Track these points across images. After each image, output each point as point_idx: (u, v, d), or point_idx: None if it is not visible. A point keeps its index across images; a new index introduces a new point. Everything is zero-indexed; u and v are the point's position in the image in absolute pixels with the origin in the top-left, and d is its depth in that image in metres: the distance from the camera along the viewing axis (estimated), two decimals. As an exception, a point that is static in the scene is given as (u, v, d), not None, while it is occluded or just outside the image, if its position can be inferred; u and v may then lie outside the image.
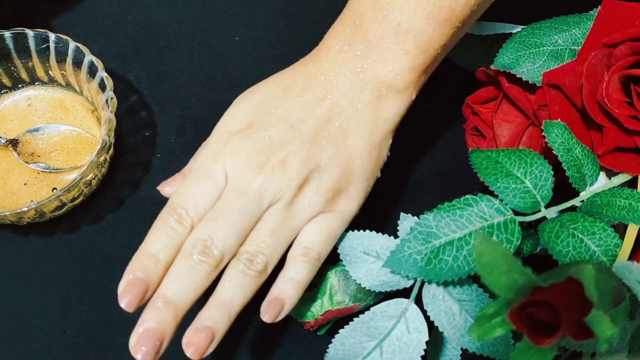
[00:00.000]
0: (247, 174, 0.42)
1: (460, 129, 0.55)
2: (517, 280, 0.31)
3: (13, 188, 0.51)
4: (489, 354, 0.41)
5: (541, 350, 0.30)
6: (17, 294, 0.50)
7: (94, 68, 0.50)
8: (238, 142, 0.42)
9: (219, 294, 0.41)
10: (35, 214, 0.47)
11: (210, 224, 0.41)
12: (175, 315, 0.39)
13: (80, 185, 0.48)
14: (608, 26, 0.43)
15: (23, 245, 0.52)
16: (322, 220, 0.43)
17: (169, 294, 0.40)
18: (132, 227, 0.53)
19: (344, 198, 0.44)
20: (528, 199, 0.41)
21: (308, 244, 0.43)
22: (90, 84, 0.51)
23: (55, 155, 0.52)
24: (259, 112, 0.44)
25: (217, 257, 0.41)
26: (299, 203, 0.42)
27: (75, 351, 0.49)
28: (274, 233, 0.42)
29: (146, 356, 0.39)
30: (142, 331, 0.39)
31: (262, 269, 0.41)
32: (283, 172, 0.42)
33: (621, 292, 0.33)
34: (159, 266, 0.40)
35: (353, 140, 0.44)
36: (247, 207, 0.41)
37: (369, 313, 0.42)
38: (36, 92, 0.54)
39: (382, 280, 0.42)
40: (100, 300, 0.50)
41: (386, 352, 0.41)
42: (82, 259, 0.51)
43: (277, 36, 0.60)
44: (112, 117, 0.48)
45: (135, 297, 0.40)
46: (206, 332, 0.39)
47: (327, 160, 0.43)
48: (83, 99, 0.54)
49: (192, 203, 0.41)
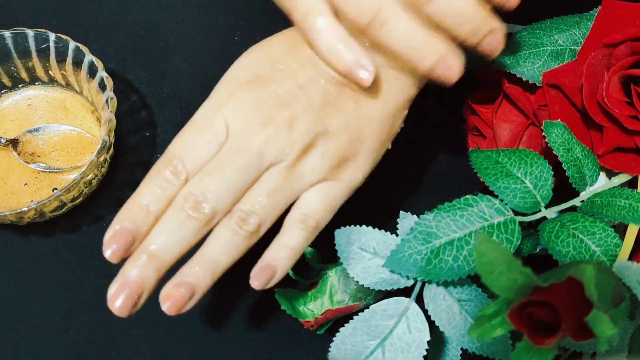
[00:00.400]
0: (250, 130, 0.39)
1: (460, 129, 0.55)
2: (517, 280, 0.31)
3: (13, 188, 0.51)
4: (488, 354, 0.41)
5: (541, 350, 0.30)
6: (18, 294, 0.50)
7: (94, 68, 0.50)
8: (243, 96, 0.40)
9: (206, 251, 0.39)
10: (35, 214, 0.47)
11: (206, 178, 0.39)
12: (158, 270, 0.38)
13: (81, 185, 0.48)
14: (608, 26, 0.43)
15: (23, 245, 0.52)
16: (325, 187, 0.41)
17: (154, 248, 0.38)
18: (132, 227, 0.53)
19: (351, 166, 0.42)
20: (528, 199, 0.41)
21: (307, 210, 0.41)
22: (90, 84, 0.51)
23: (56, 155, 0.52)
24: (268, 67, 0.41)
25: (209, 214, 0.38)
26: (301, 166, 0.40)
27: (77, 351, 0.49)
28: (271, 194, 0.39)
29: (123, 308, 0.38)
30: (122, 282, 0.38)
31: (254, 230, 0.39)
32: (288, 133, 0.39)
33: (621, 292, 0.33)
34: (149, 217, 0.39)
35: (365, 108, 0.41)
36: (247, 165, 0.39)
37: (368, 311, 0.42)
38: (36, 92, 0.54)
39: (381, 278, 0.42)
40: (101, 300, 0.50)
41: (388, 351, 0.41)
42: (82, 259, 0.51)
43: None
44: (112, 117, 0.48)
45: (120, 247, 0.38)
46: (186, 287, 0.38)
47: (336, 126, 0.41)
48: (83, 99, 0.54)
49: (189, 155, 0.39)
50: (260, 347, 0.49)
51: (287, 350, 0.49)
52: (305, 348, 0.49)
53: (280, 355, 0.49)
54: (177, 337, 0.50)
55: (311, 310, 0.45)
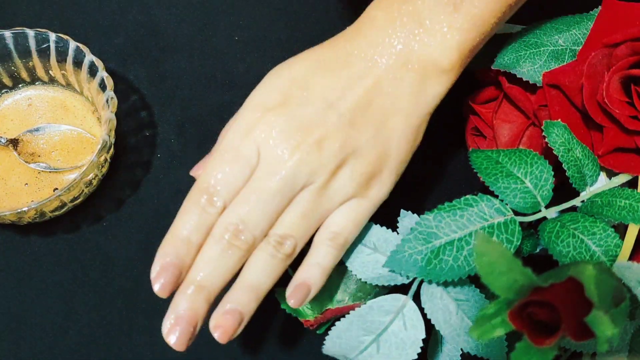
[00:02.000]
0: (282, 154, 0.40)
1: (460, 129, 0.55)
2: (517, 280, 0.31)
3: (14, 188, 0.51)
4: (484, 354, 0.41)
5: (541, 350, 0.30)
6: (18, 295, 0.50)
7: (94, 68, 0.50)
8: (272, 119, 0.40)
9: (247, 276, 0.40)
10: (35, 214, 0.47)
11: (242, 206, 0.39)
12: (207, 300, 0.39)
13: (81, 185, 0.48)
14: (608, 26, 0.43)
15: (24, 246, 0.52)
16: (353, 205, 0.42)
17: (200, 279, 0.39)
18: (132, 227, 0.53)
19: (377, 183, 0.42)
20: (528, 199, 0.41)
21: (336, 228, 0.41)
22: (90, 83, 0.51)
23: (56, 155, 0.52)
24: (296, 88, 0.41)
25: (249, 241, 0.40)
26: (332, 187, 0.41)
27: (77, 351, 0.49)
28: (305, 216, 0.40)
29: (179, 343, 0.38)
30: (175, 317, 0.38)
31: (290, 252, 0.40)
32: (319, 154, 0.40)
33: (621, 292, 0.33)
34: (191, 249, 0.39)
35: (392, 123, 0.42)
36: (280, 190, 0.40)
37: (365, 307, 0.42)
38: (36, 91, 0.54)
39: (379, 274, 0.42)
40: (102, 300, 0.50)
41: (383, 347, 0.41)
42: (82, 260, 0.52)
43: (277, 36, 0.60)
44: (112, 117, 0.48)
45: (168, 282, 0.39)
46: (234, 314, 0.39)
47: (365, 144, 0.41)
48: (83, 99, 0.54)
49: (223, 183, 0.40)
50: (260, 345, 0.49)
51: (287, 349, 0.49)
52: (305, 347, 0.49)
53: (280, 354, 0.49)
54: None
55: (311, 310, 0.45)
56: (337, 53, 0.42)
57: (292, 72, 0.42)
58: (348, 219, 0.42)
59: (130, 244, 0.52)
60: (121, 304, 0.50)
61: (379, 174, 0.42)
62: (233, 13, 0.60)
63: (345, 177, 0.41)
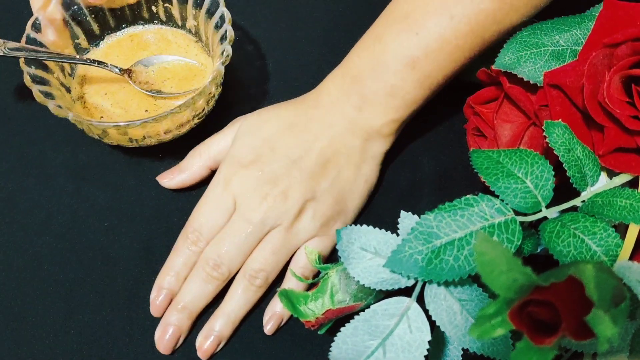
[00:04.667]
0: (253, 203, 0.48)
1: (461, 129, 0.55)
2: (517, 279, 0.31)
3: (136, 115, 0.53)
4: (489, 353, 0.40)
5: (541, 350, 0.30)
6: (19, 295, 0.50)
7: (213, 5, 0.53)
8: (246, 174, 0.49)
9: (226, 306, 0.48)
10: (168, 128, 0.51)
11: (220, 245, 0.48)
12: (190, 318, 0.49)
13: (202, 103, 0.51)
14: (609, 26, 0.43)
15: (25, 246, 0.52)
16: (316, 242, 0.50)
17: (186, 301, 0.48)
18: (133, 228, 0.53)
19: (336, 223, 0.50)
20: (529, 199, 0.41)
21: (304, 264, 0.49)
22: (197, 15, 0.54)
23: (168, 83, 0.55)
24: (265, 148, 0.50)
25: (225, 273, 0.48)
26: (296, 227, 0.49)
27: (78, 351, 0.49)
28: (274, 252, 0.48)
29: (166, 347, 0.48)
30: (165, 326, 0.48)
31: (262, 284, 0.49)
32: (284, 202, 0.48)
33: (622, 292, 0.33)
34: (179, 279, 0.49)
35: (345, 174, 0.50)
36: (252, 232, 0.48)
37: (369, 311, 0.42)
38: (137, 29, 0.57)
39: (382, 278, 0.42)
40: (103, 300, 0.51)
41: (389, 351, 0.41)
42: (84, 260, 0.52)
43: (277, 36, 0.60)
44: (229, 29, 0.52)
45: (162, 305, 0.49)
46: (214, 339, 0.48)
47: (322, 192, 0.49)
48: (184, 32, 0.57)
49: (206, 227, 0.49)
50: (261, 346, 0.49)
51: (288, 350, 0.49)
52: (306, 347, 0.49)
53: (281, 355, 0.49)
54: (178, 337, 0.50)
55: (312, 310, 0.45)
56: (300, 118, 0.51)
57: (263, 133, 0.51)
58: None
59: (132, 245, 0.52)
60: (122, 304, 0.50)
61: (337, 215, 0.50)
62: (234, 13, 0.60)
63: (307, 219, 0.49)
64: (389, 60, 0.49)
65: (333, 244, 0.51)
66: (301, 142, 0.50)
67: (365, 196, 0.52)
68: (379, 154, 0.52)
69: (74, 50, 0.55)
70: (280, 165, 0.49)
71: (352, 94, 0.50)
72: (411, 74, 0.48)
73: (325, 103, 0.51)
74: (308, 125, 0.51)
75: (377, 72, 0.49)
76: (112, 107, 0.54)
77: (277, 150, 0.50)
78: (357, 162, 0.51)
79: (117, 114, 0.53)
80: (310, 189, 0.49)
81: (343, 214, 0.51)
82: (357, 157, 0.51)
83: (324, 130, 0.50)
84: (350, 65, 0.51)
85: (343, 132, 0.50)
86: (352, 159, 0.51)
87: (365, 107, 0.50)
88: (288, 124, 0.51)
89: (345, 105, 0.50)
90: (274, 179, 0.49)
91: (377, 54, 0.49)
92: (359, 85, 0.50)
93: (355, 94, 0.50)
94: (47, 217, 0.53)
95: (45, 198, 0.53)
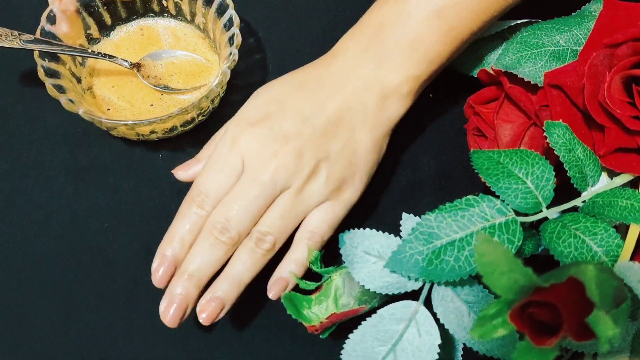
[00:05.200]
0: (262, 162, 0.45)
1: (462, 129, 0.55)
2: (518, 280, 0.31)
3: (141, 109, 0.54)
4: (499, 355, 0.40)
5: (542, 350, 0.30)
6: (19, 296, 0.50)
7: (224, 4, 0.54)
8: (254, 132, 0.46)
9: (231, 268, 0.45)
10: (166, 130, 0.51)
11: (228, 207, 0.45)
12: (197, 286, 0.45)
13: (208, 103, 0.51)
14: (610, 26, 0.43)
15: (24, 247, 0.52)
16: (327, 207, 0.47)
17: (192, 268, 0.45)
18: (132, 228, 0.53)
19: (348, 187, 0.47)
20: (529, 199, 0.41)
21: (313, 228, 0.47)
22: (207, 13, 0.54)
23: (175, 78, 0.55)
24: (275, 105, 0.47)
25: (234, 236, 0.45)
26: (308, 190, 0.46)
27: (77, 351, 0.49)
28: (283, 216, 0.46)
29: (173, 320, 0.44)
30: (170, 298, 0.45)
31: (270, 248, 0.46)
32: (295, 162, 0.45)
33: (623, 292, 0.33)
34: (185, 246, 0.46)
35: (359, 135, 0.47)
36: (262, 194, 0.45)
37: (376, 316, 0.41)
38: (147, 22, 0.58)
39: (387, 282, 0.42)
40: (102, 301, 0.50)
41: (400, 356, 0.41)
42: (83, 261, 0.52)
43: (278, 36, 0.60)
44: (237, 32, 0.52)
45: (165, 275, 0.45)
46: (217, 301, 0.45)
47: (336, 152, 0.46)
48: (193, 27, 0.57)
49: (212, 190, 0.46)
50: (264, 350, 0.49)
51: (291, 354, 0.49)
52: (309, 351, 0.49)
53: (281, 356, 0.49)
54: (178, 338, 0.50)
55: (316, 314, 0.45)
56: (312, 77, 0.48)
57: (272, 92, 0.48)
58: (324, 219, 0.47)
59: (131, 245, 0.52)
60: (121, 304, 0.50)
61: (350, 179, 0.47)
62: (234, 13, 0.60)
63: (319, 181, 0.46)
64: (411, 9, 0.46)
65: (344, 210, 0.48)
66: (314, 99, 0.47)
67: (377, 162, 0.49)
68: (395, 116, 0.49)
69: (85, 40, 0.56)
70: (291, 122, 0.46)
71: (370, 49, 0.48)
72: (436, 24, 0.46)
73: (340, 61, 0.48)
74: (321, 82, 0.48)
75: (399, 22, 0.47)
76: (119, 100, 0.54)
77: (288, 108, 0.47)
78: (372, 124, 0.48)
79: (122, 107, 0.54)
80: (322, 148, 0.46)
81: (356, 177, 0.48)
82: (373, 117, 0.48)
83: (339, 87, 0.48)
84: (370, 18, 0.48)
85: (359, 89, 0.47)
86: (367, 119, 0.47)
87: (384, 62, 0.47)
88: (300, 82, 0.48)
89: (362, 62, 0.48)
90: (284, 137, 0.46)
91: (399, 3, 0.47)
92: (379, 39, 0.47)
93: (374, 48, 0.47)
94: (46, 218, 0.53)
95: (45, 199, 0.53)
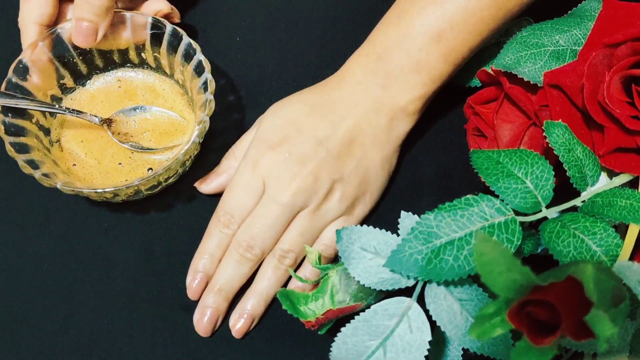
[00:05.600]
0: (283, 184, 0.49)
1: (461, 129, 0.55)
2: (516, 279, 0.31)
3: (108, 168, 0.52)
4: (490, 353, 0.40)
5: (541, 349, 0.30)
6: (19, 296, 0.50)
7: (190, 52, 0.51)
8: (274, 156, 0.49)
9: (257, 285, 0.50)
10: (132, 192, 0.48)
11: (252, 227, 0.49)
12: (227, 299, 0.50)
13: (177, 166, 0.49)
14: (609, 26, 0.43)
15: (24, 247, 0.52)
16: (341, 222, 0.51)
17: (221, 283, 0.49)
18: (133, 229, 0.53)
19: (361, 204, 0.51)
20: (529, 199, 0.41)
21: (327, 241, 0.50)
22: (185, 67, 0.52)
23: (147, 136, 0.53)
24: (291, 129, 0.50)
25: (258, 253, 0.49)
26: (324, 209, 0.50)
27: (77, 351, 0.49)
28: (302, 234, 0.49)
29: (205, 330, 0.49)
30: (203, 309, 0.49)
31: (291, 264, 0.50)
32: (313, 183, 0.49)
33: (621, 292, 0.33)
34: (214, 262, 0.50)
35: (370, 155, 0.51)
36: (282, 213, 0.49)
37: (369, 311, 0.42)
38: (126, 73, 0.55)
39: (382, 278, 0.42)
40: (103, 301, 0.50)
41: (390, 351, 0.41)
42: (83, 261, 0.52)
43: (278, 37, 0.60)
44: (211, 98, 0.49)
45: (199, 288, 0.50)
46: (247, 317, 0.49)
47: (349, 173, 0.50)
48: (172, 82, 0.55)
49: (237, 210, 0.50)
50: (261, 346, 0.49)
51: (288, 350, 0.49)
52: (306, 347, 0.49)
53: (281, 355, 0.49)
54: (178, 338, 0.50)
55: (312, 310, 0.45)
56: (324, 99, 0.51)
57: (289, 114, 0.51)
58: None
59: (132, 246, 0.52)
60: (121, 304, 0.50)
61: (362, 196, 0.51)
62: (234, 14, 0.60)
63: (334, 200, 0.50)
64: (415, 34, 0.49)
65: (356, 223, 0.51)
66: (327, 122, 0.50)
67: (387, 177, 0.53)
68: (403, 133, 0.52)
69: (59, 90, 0.53)
70: (308, 145, 0.50)
71: (377, 72, 0.50)
72: (437, 48, 0.49)
73: (349, 83, 0.51)
74: (333, 105, 0.51)
75: (403, 48, 0.49)
76: (86, 157, 0.52)
77: (304, 131, 0.50)
78: (382, 143, 0.51)
79: (89, 164, 0.52)
80: (337, 169, 0.50)
81: (367, 194, 0.52)
82: (382, 136, 0.51)
83: (350, 110, 0.51)
84: (375, 42, 0.51)
85: (368, 111, 0.51)
86: (377, 139, 0.51)
87: (391, 84, 0.50)
88: (312, 105, 0.51)
89: (370, 84, 0.51)
90: (302, 160, 0.49)
91: (402, 28, 0.50)
92: (385, 62, 0.50)
93: (380, 72, 0.50)
94: (46, 218, 0.53)
95: (44, 199, 0.53)
